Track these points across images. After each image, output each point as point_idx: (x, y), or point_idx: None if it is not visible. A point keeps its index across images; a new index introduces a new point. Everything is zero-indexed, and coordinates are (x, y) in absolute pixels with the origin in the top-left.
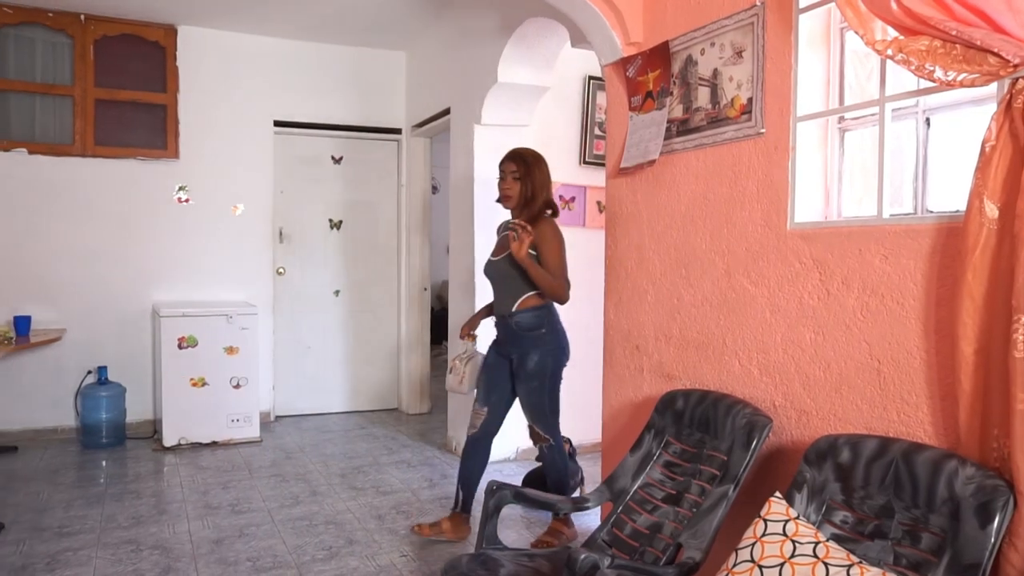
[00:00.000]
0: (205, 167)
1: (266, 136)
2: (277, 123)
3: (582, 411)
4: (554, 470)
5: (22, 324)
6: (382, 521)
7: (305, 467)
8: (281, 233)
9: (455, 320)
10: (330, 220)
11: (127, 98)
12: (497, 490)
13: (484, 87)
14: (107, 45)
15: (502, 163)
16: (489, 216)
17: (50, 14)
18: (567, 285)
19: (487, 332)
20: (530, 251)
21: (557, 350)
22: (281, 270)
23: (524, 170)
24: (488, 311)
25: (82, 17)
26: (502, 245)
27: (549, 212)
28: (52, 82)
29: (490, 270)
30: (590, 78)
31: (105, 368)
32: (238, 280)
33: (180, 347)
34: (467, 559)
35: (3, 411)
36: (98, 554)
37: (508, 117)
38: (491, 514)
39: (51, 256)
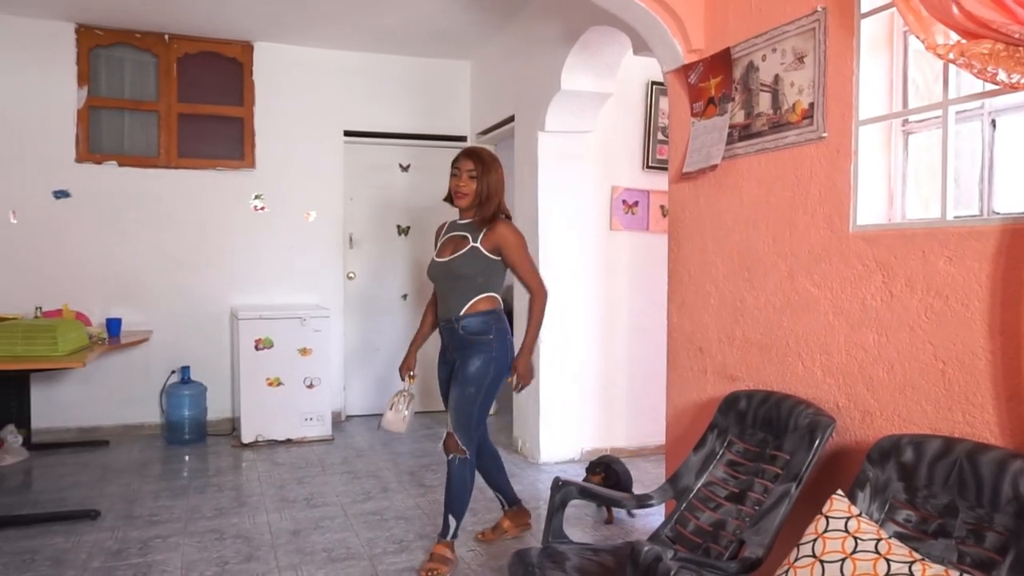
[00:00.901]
0: (279, 176)
1: (336, 145)
2: (347, 133)
3: (645, 414)
4: (461, 486)
5: (114, 326)
6: None
7: (375, 464)
8: (351, 239)
9: (520, 324)
10: (398, 226)
11: (207, 112)
12: (563, 486)
13: (548, 95)
14: (189, 62)
15: (458, 160)
16: (554, 220)
17: (138, 35)
18: (540, 280)
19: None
20: (492, 255)
21: (501, 359)
22: (351, 274)
23: (481, 169)
24: (420, 342)
25: (166, 36)
26: (448, 246)
27: (504, 215)
28: (139, 98)
29: (436, 271)
30: (653, 83)
31: (188, 368)
32: (311, 284)
33: (257, 348)
34: (534, 552)
35: (96, 408)
36: (185, 541)
37: (571, 124)
38: (556, 509)
39: (139, 262)
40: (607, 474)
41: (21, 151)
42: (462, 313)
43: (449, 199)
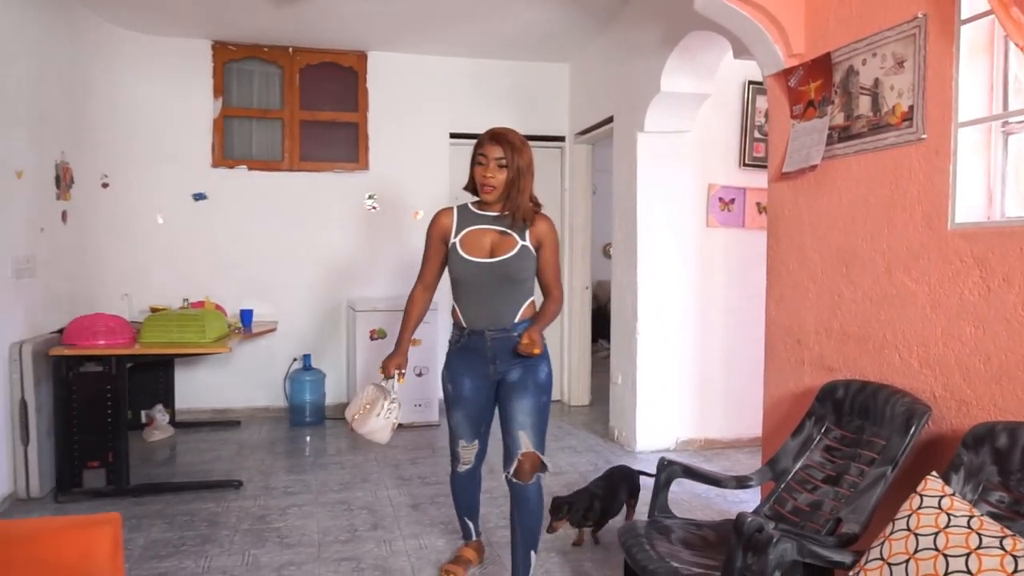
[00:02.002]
0: (390, 177)
1: (443, 147)
2: (452, 135)
3: (740, 406)
4: (538, 510)
5: (246, 316)
6: (547, 498)
7: None
8: None
9: (618, 318)
10: None
11: (326, 118)
12: (668, 465)
13: (647, 96)
14: (309, 72)
15: (482, 146)
16: (651, 218)
17: (265, 48)
18: (562, 288)
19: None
20: (530, 245)
21: (549, 363)
22: None
23: (511, 155)
24: (411, 337)
25: (290, 49)
26: (482, 243)
27: (536, 208)
28: (266, 107)
29: (476, 273)
30: (750, 83)
31: (309, 356)
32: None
33: (371, 338)
34: (642, 524)
35: (229, 391)
36: (318, 510)
37: (670, 124)
38: (662, 487)
39: (266, 258)
40: (587, 506)
41: (165, 158)
42: (517, 320)
43: (472, 188)
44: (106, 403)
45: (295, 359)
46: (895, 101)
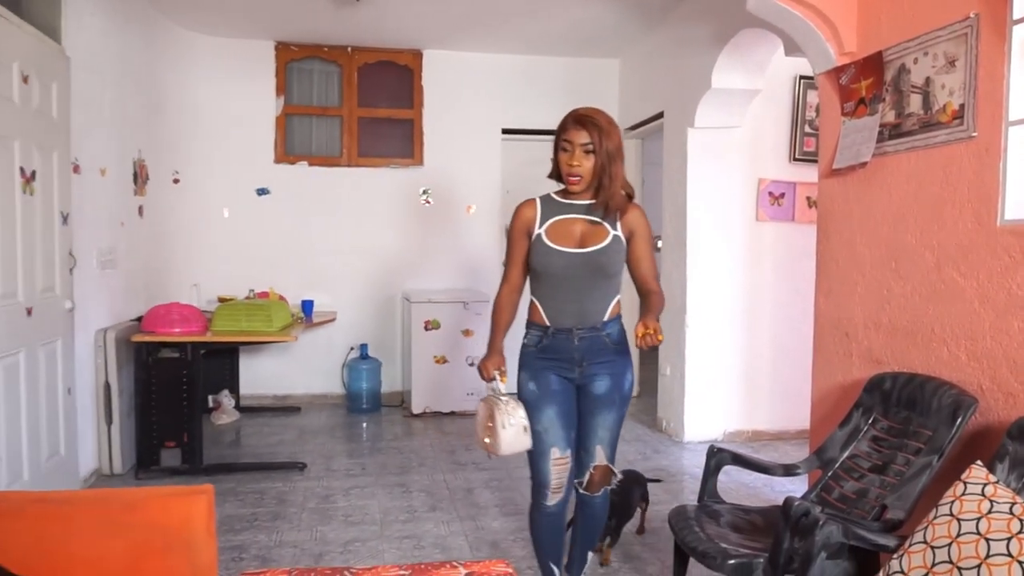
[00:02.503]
0: (444, 172)
1: (495, 143)
2: (504, 131)
3: (788, 398)
4: (602, 515)
5: (307, 307)
6: None
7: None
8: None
9: (667, 311)
10: None
11: (383, 115)
12: (717, 452)
13: (698, 93)
14: (367, 71)
15: (566, 131)
16: (701, 212)
17: (325, 48)
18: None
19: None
20: (622, 236)
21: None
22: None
23: (598, 139)
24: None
25: (349, 49)
26: (571, 233)
27: (627, 196)
28: (325, 105)
29: (567, 264)
30: (801, 77)
31: (366, 345)
32: (471, 271)
33: (426, 329)
34: (691, 508)
35: (291, 379)
36: (379, 492)
37: (720, 120)
38: (711, 473)
39: (326, 250)
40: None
41: (231, 154)
42: (606, 318)
43: (556, 176)
44: (182, 387)
45: (352, 348)
46: (946, 99)
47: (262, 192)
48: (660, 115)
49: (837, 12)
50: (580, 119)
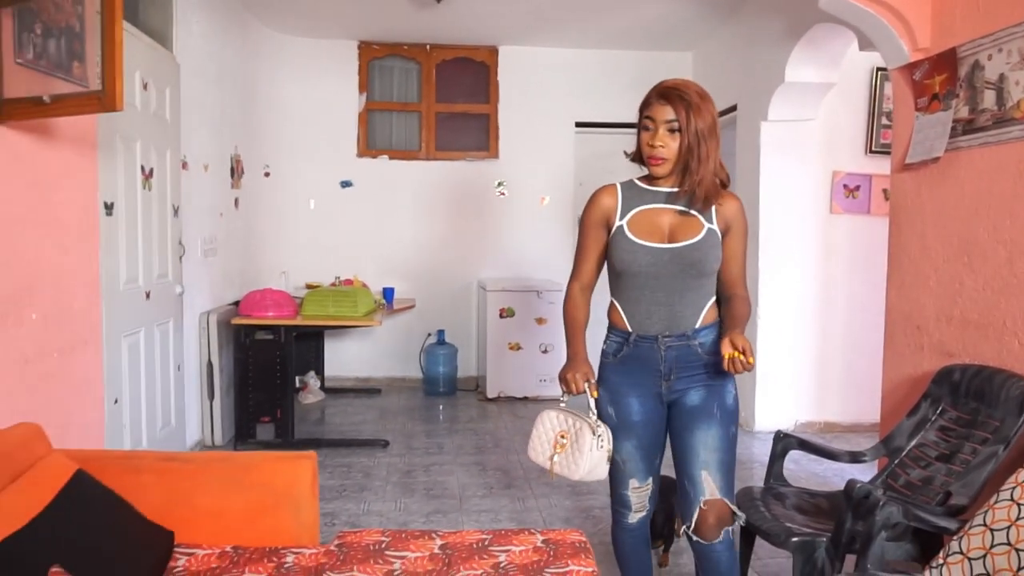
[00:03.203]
0: (519, 165)
1: (568, 135)
2: (578, 124)
3: (860, 391)
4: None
5: (388, 294)
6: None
7: None
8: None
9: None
10: None
11: (459, 110)
12: (784, 437)
13: (771, 86)
14: (445, 68)
15: (650, 107)
16: (773, 205)
17: (405, 47)
18: None
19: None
20: (717, 229)
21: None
22: None
23: (686, 116)
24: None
25: (428, 47)
26: (658, 224)
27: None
28: (405, 101)
29: (647, 261)
30: (877, 69)
31: (443, 331)
32: (544, 261)
33: (501, 316)
34: (757, 489)
35: (372, 362)
36: (457, 469)
37: (794, 113)
38: (777, 457)
39: (405, 240)
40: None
41: (317, 149)
42: (699, 325)
43: (639, 158)
44: (276, 367)
45: (430, 334)
46: (1020, 96)
47: (346, 184)
48: (733, 108)
49: (910, 9)
50: (665, 92)
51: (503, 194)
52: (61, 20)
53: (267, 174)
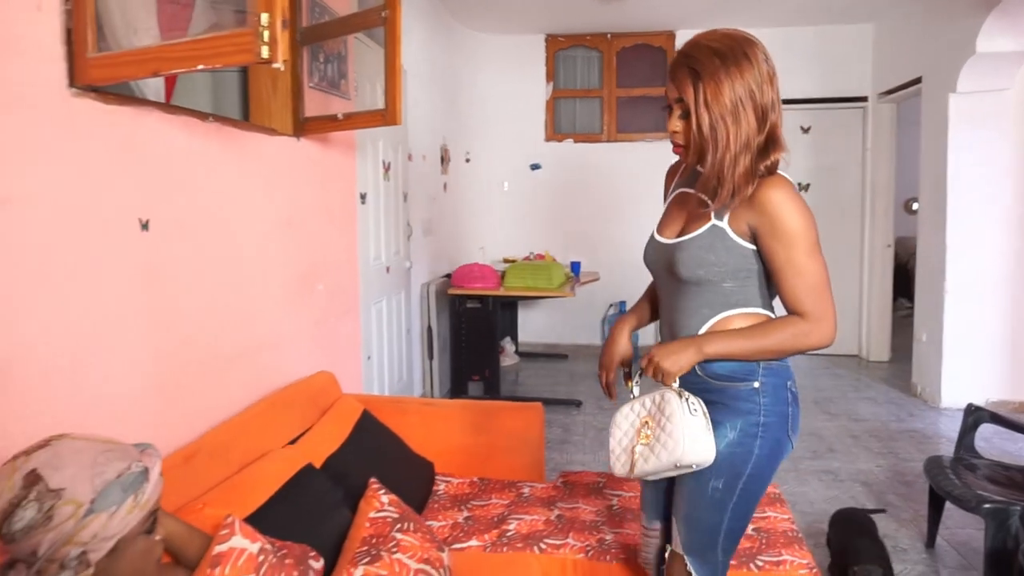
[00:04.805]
0: None
1: None
2: None
3: None
4: None
5: (575, 267)
6: (857, 440)
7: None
8: None
9: (923, 276)
10: (798, 183)
11: (638, 94)
12: (976, 410)
13: (960, 57)
14: (624, 54)
15: (668, 78)
16: (962, 178)
17: (588, 37)
18: (829, 305)
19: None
20: (727, 228)
21: (775, 430)
22: None
23: (692, 90)
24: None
25: (608, 35)
26: (675, 213)
27: (764, 168)
28: (587, 87)
29: (649, 258)
30: None
31: (624, 303)
32: None
33: None
34: (947, 458)
35: (558, 330)
36: None
37: (985, 84)
38: (968, 429)
39: (589, 217)
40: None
41: (509, 135)
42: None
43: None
44: (483, 332)
45: (612, 305)
46: None
47: (535, 167)
48: (917, 80)
49: None
50: (676, 60)
51: None
52: (334, 49)
53: (467, 160)
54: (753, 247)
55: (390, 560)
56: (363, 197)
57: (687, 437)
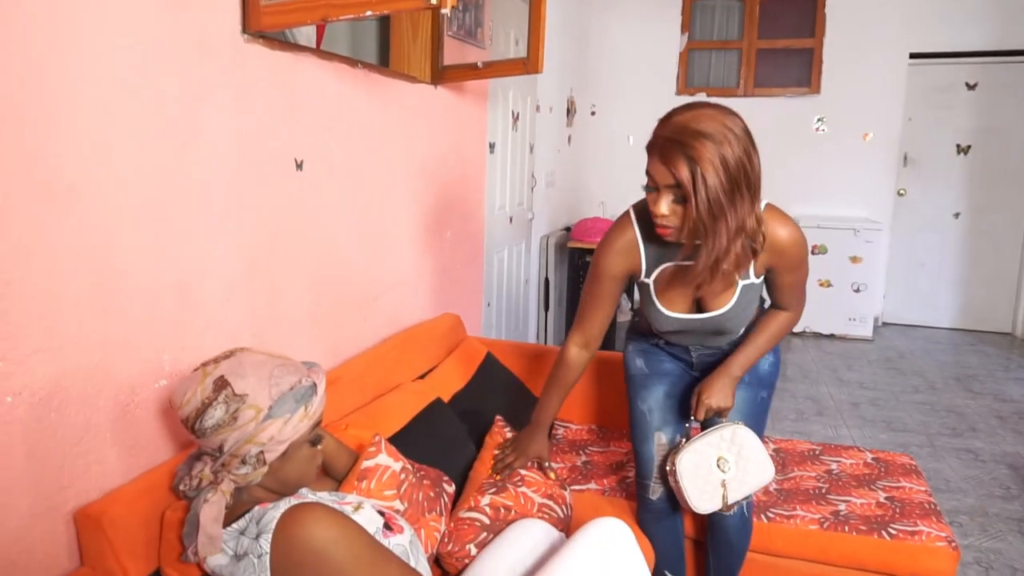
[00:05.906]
0: (841, 100)
1: (900, 67)
2: (912, 55)
3: None
4: (740, 546)
5: None
6: (1004, 421)
7: (918, 366)
8: (906, 157)
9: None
10: (957, 145)
11: (781, 46)
12: None
13: None
14: (768, 4)
15: (649, 158)
16: None
17: None
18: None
19: None
20: (754, 279)
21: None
22: (902, 191)
23: (691, 180)
24: None
25: None
26: (686, 289)
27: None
28: (725, 39)
29: (677, 328)
30: None
31: None
32: (862, 199)
33: (812, 253)
34: None
35: None
36: None
37: None
38: None
39: None
40: None
41: (637, 88)
42: (740, 334)
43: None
44: None
45: None
46: None
47: None
48: None
49: None
50: (666, 144)
51: (821, 130)
52: None
53: (592, 113)
54: (759, 280)
55: (515, 492)
56: (492, 147)
57: (767, 459)
